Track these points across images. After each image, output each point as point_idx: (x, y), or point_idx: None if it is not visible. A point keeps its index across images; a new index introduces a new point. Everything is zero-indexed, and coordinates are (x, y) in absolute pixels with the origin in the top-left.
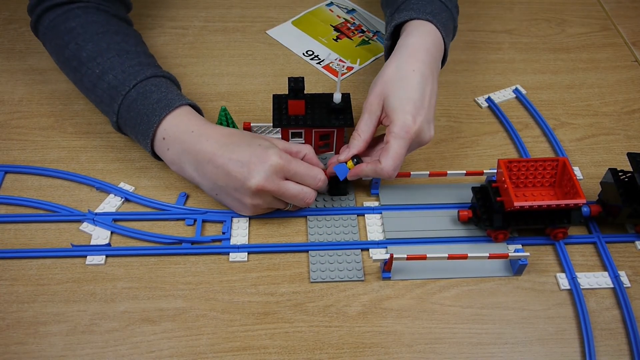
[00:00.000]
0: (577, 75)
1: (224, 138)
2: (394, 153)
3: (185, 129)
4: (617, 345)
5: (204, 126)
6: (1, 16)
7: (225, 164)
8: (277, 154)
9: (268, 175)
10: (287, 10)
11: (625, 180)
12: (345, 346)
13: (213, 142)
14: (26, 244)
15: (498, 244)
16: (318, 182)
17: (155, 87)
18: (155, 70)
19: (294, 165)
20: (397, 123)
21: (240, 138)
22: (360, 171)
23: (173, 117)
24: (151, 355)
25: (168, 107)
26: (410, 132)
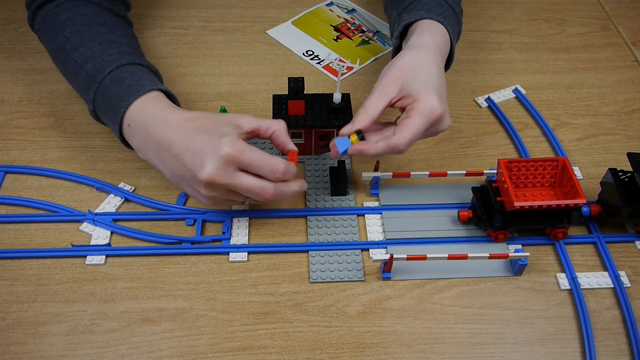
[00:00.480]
0: (577, 75)
1: (185, 124)
2: (413, 128)
3: (150, 115)
4: (617, 345)
5: (167, 111)
6: (1, 16)
7: (181, 154)
8: (230, 143)
9: (219, 167)
10: (287, 10)
11: (625, 180)
12: (345, 346)
13: (173, 128)
14: (26, 244)
15: (498, 244)
16: (276, 173)
17: (129, 74)
18: (134, 59)
19: (248, 155)
20: (423, 101)
21: (202, 123)
22: (369, 148)
23: (140, 103)
24: (151, 355)
25: (137, 93)
26: (435, 112)
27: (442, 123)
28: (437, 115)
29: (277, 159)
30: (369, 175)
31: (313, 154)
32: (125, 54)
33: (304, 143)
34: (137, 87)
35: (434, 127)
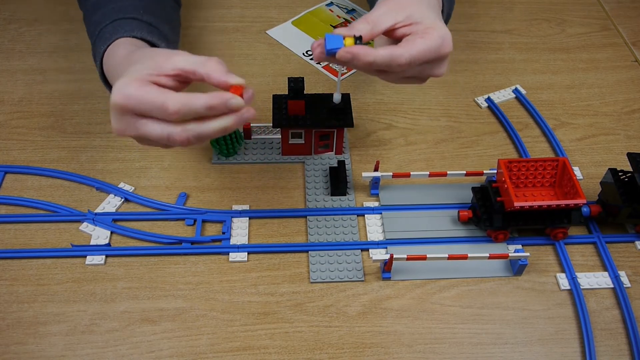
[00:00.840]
0: (577, 75)
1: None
2: (423, 46)
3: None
4: (617, 345)
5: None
6: (1, 16)
7: None
8: (117, 90)
9: (117, 119)
10: (287, 10)
11: (625, 180)
12: (345, 346)
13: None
14: (26, 244)
15: (498, 244)
16: (166, 112)
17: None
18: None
19: (137, 99)
20: (439, 30)
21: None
22: (367, 53)
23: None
24: (151, 355)
25: (105, 43)
26: (446, 47)
27: (442, 65)
28: (446, 52)
29: (168, 95)
30: (369, 175)
31: (313, 154)
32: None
33: (304, 143)
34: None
35: (431, 64)
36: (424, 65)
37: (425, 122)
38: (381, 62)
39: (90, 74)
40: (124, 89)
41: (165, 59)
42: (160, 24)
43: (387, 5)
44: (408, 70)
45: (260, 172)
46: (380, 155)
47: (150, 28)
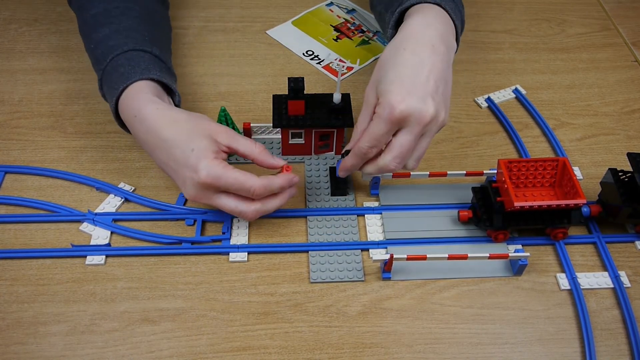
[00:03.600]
0: (577, 75)
1: (163, 131)
2: (370, 131)
3: (131, 112)
4: (617, 346)
5: (145, 110)
6: (1, 16)
7: (164, 164)
8: (207, 170)
9: (198, 190)
10: (287, 10)
11: (625, 180)
12: (345, 346)
13: (153, 134)
14: (26, 244)
15: (498, 244)
16: (254, 194)
17: (127, 61)
18: (135, 45)
19: (225, 180)
20: (381, 102)
21: (179, 132)
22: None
23: (126, 95)
24: (151, 355)
25: (124, 82)
26: (393, 112)
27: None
28: (399, 114)
29: (254, 180)
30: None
31: (313, 154)
32: (131, 38)
33: (304, 143)
34: (127, 75)
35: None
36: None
37: None
38: (353, 162)
39: (90, 74)
40: (212, 170)
41: (218, 136)
42: (165, 55)
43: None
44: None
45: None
46: None
47: (161, 64)
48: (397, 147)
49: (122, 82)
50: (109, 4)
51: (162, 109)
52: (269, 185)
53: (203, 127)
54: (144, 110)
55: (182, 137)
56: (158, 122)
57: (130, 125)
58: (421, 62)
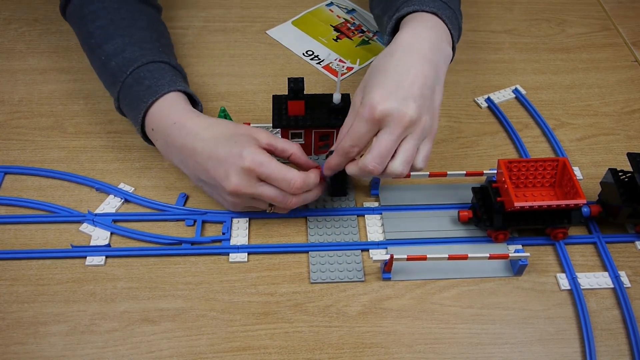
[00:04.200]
0: (577, 75)
1: (205, 131)
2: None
3: (169, 120)
4: (617, 346)
5: (185, 117)
6: (1, 16)
7: (204, 162)
8: (251, 156)
9: (241, 178)
10: (287, 10)
11: (625, 180)
12: (345, 346)
13: (193, 136)
14: (26, 244)
15: (498, 244)
16: (292, 186)
17: (150, 74)
18: (154, 56)
19: (267, 168)
20: (363, 103)
21: (220, 131)
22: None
23: (158, 107)
24: (151, 355)
25: (154, 95)
26: (373, 112)
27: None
28: (379, 114)
29: (293, 173)
30: None
31: (313, 154)
32: (147, 50)
33: (304, 143)
34: (155, 88)
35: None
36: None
37: None
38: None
39: (90, 74)
40: (256, 157)
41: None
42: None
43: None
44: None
45: None
46: None
47: (181, 75)
48: (376, 147)
49: (152, 94)
50: (115, 16)
51: (202, 115)
52: (307, 180)
53: (243, 128)
54: (185, 116)
55: (225, 135)
56: (200, 125)
57: (166, 133)
58: (408, 68)
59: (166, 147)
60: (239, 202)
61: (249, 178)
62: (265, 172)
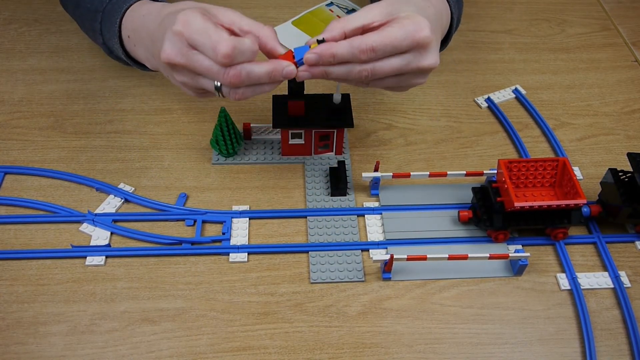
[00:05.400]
0: (577, 75)
1: (164, 8)
2: (388, 34)
3: (140, 15)
4: (617, 346)
5: (155, 7)
6: (1, 16)
7: (158, 41)
8: (183, 17)
9: (171, 44)
10: (287, 10)
11: (625, 180)
12: (345, 346)
13: (156, 18)
14: (26, 244)
15: (498, 244)
16: (217, 53)
17: None
18: None
19: (195, 28)
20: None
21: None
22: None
23: (132, 10)
24: (151, 355)
25: (127, 2)
26: (419, 33)
27: (427, 54)
28: (422, 38)
29: (220, 36)
30: (368, 175)
31: (313, 154)
32: None
33: (304, 143)
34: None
35: (415, 57)
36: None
37: (425, 122)
38: (343, 52)
39: (90, 74)
40: (188, 16)
41: (218, 11)
42: None
43: (370, 6)
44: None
45: (260, 173)
46: (380, 155)
47: None
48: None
49: (125, 3)
50: None
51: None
52: (238, 46)
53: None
54: (154, 7)
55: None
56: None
57: (137, 29)
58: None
59: (140, 45)
60: (184, 79)
61: (179, 44)
62: (193, 33)
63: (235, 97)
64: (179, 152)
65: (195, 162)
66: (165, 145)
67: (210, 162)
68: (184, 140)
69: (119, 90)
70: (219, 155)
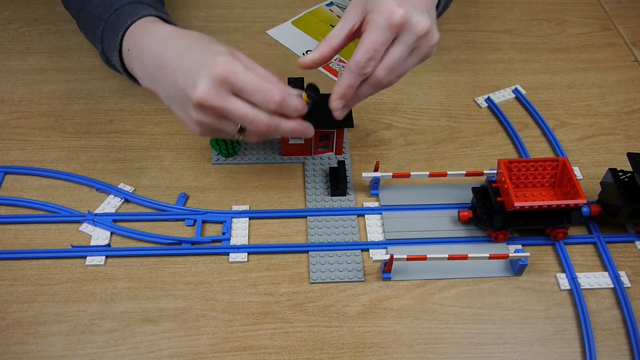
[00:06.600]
0: (577, 75)
1: (179, 38)
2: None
3: (145, 34)
4: (617, 345)
5: (163, 29)
6: (1, 16)
7: (174, 70)
8: (225, 62)
9: (211, 87)
10: (287, 10)
11: (625, 180)
12: (345, 346)
13: (166, 42)
14: (26, 244)
15: (498, 244)
16: (270, 101)
17: (132, 8)
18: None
19: (242, 77)
20: (377, 11)
21: (196, 39)
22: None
23: (137, 26)
24: (151, 355)
25: (131, 18)
26: (393, 17)
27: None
28: (399, 20)
29: (274, 87)
30: (368, 175)
31: (313, 154)
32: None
33: (304, 143)
34: (135, 12)
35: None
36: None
37: (425, 122)
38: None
39: (90, 74)
40: (231, 63)
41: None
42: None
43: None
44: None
45: (260, 173)
46: (380, 155)
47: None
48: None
49: (130, 17)
50: None
51: (180, 28)
52: (288, 97)
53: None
54: (162, 29)
55: (202, 42)
56: (178, 33)
57: (139, 47)
58: None
59: (140, 63)
60: (205, 120)
61: (219, 88)
62: (240, 80)
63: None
64: (179, 152)
65: (195, 162)
66: (165, 145)
67: (210, 162)
68: (184, 140)
69: (119, 90)
70: (219, 155)
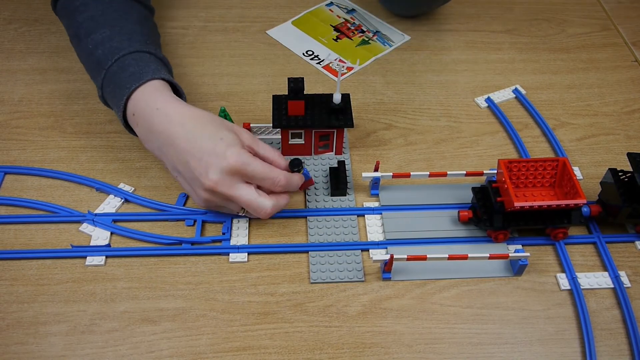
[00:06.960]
0: (577, 75)
1: (189, 121)
2: None
3: (152, 105)
4: (617, 345)
5: (169, 104)
6: (1, 16)
7: (184, 153)
8: (236, 155)
9: (222, 177)
10: (287, 10)
11: (625, 180)
12: (345, 346)
13: (176, 124)
14: (26, 244)
15: (498, 244)
16: (277, 185)
17: (134, 62)
18: (142, 46)
19: (252, 168)
20: None
21: (205, 123)
22: None
23: (142, 92)
24: (151, 355)
25: (138, 81)
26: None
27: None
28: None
29: (279, 172)
30: (369, 175)
31: (313, 154)
32: (134, 41)
33: (304, 143)
34: (139, 75)
35: None
36: None
37: (425, 122)
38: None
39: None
40: (241, 156)
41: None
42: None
43: None
44: None
45: None
46: (380, 155)
47: (166, 68)
48: None
49: (135, 80)
50: (106, 8)
51: (187, 104)
52: (290, 179)
53: (228, 124)
54: (169, 103)
55: (209, 128)
56: (185, 114)
57: (148, 119)
58: None
59: (147, 133)
60: (212, 200)
61: (230, 177)
62: (250, 171)
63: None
64: None
65: None
66: None
67: None
68: None
69: None
70: None
